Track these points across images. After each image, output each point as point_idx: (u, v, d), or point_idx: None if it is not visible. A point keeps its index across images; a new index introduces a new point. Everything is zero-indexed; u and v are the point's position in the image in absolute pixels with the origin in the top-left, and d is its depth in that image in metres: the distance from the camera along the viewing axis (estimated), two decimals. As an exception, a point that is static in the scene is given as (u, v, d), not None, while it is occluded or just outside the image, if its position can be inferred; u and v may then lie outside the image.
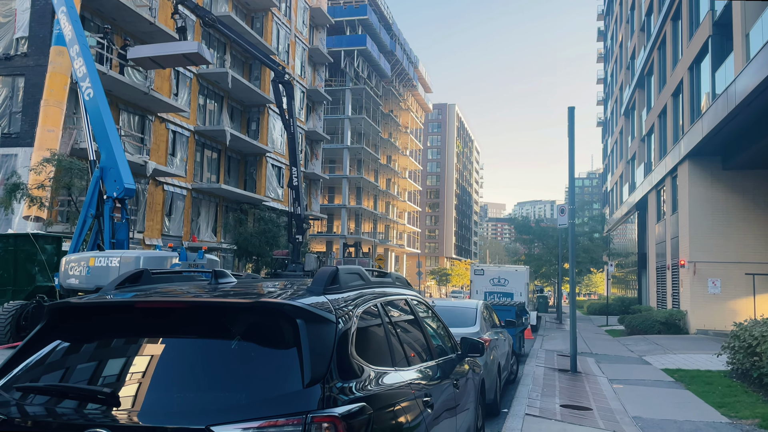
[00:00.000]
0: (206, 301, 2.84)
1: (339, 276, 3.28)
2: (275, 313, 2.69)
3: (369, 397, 2.72)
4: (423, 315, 4.61)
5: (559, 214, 12.33)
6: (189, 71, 32.84)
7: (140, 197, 29.28)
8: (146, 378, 2.50)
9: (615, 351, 16.87)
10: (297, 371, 2.47)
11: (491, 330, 9.01)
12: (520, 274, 24.28)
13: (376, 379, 2.92)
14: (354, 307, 3.13)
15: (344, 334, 2.84)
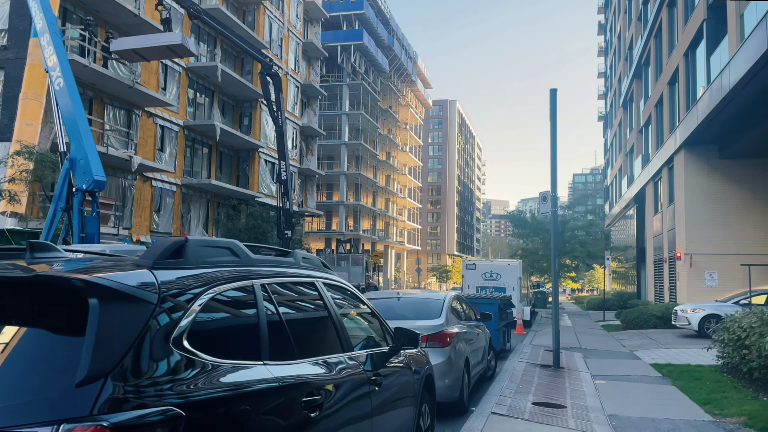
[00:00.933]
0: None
1: (187, 248, 2.67)
2: (62, 291, 2.10)
3: (191, 398, 2.15)
4: (339, 302, 4.02)
5: (541, 201, 11.73)
6: (177, 65, 32.31)
7: (127, 193, 28.77)
8: None
9: (606, 346, 16.26)
10: (76, 365, 1.89)
11: (461, 323, 8.42)
12: (513, 269, 23.64)
13: (217, 377, 2.35)
14: (202, 287, 2.54)
15: (170, 319, 2.27)
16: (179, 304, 2.34)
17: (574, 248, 33.52)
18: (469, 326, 8.95)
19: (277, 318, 3.00)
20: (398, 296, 8.51)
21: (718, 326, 17.10)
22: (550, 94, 11.78)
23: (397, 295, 8.55)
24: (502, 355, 13.33)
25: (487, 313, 10.17)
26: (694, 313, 17.53)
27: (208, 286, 2.56)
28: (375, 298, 8.82)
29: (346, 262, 35.03)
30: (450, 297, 8.54)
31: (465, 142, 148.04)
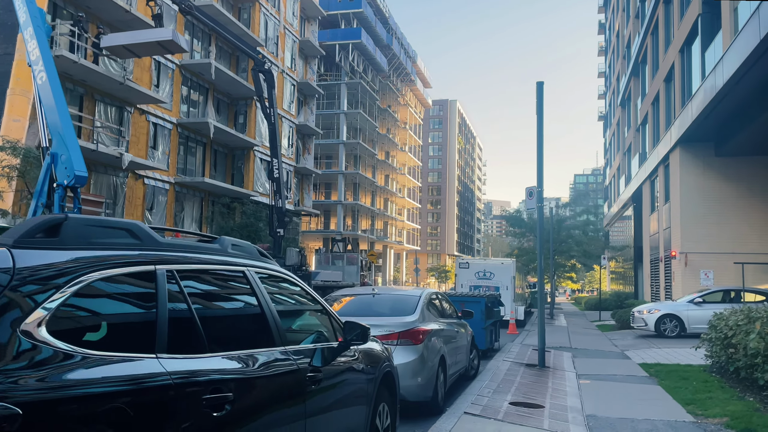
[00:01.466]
0: None
1: (66, 227, 2.39)
2: None
3: (37, 395, 1.88)
4: (276, 293, 3.74)
5: (527, 197, 11.45)
6: (171, 62, 32.08)
7: (118, 191, 28.53)
8: None
9: (598, 345, 15.98)
10: None
11: (439, 321, 8.14)
12: (507, 268, 23.36)
13: (82, 370, 2.07)
14: (78, 270, 2.27)
15: (23, 304, 2.01)
16: (40, 288, 2.07)
17: (570, 248, 33.20)
18: (448, 324, 8.68)
19: (185, 308, 2.73)
20: (374, 292, 8.24)
21: (674, 325, 17.10)
22: (537, 87, 11.50)
23: (372, 291, 8.29)
24: (489, 355, 13.06)
25: (468, 311, 9.88)
26: (650, 314, 17.48)
27: (87, 270, 2.28)
28: (350, 294, 8.55)
29: (341, 261, 34.73)
30: (426, 294, 8.27)
31: (465, 142, 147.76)
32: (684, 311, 17.24)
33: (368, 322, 7.32)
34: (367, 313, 7.74)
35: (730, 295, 17.53)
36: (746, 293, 17.89)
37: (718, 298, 17.59)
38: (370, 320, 7.31)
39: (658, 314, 17.40)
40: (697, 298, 17.43)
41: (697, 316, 17.09)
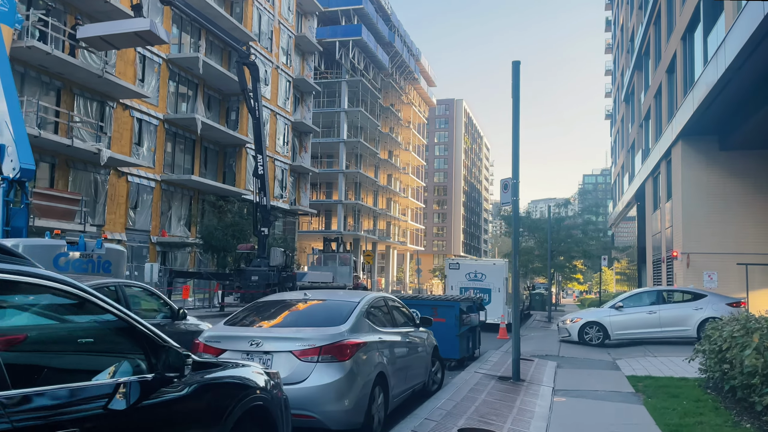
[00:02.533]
0: None
1: None
2: None
3: None
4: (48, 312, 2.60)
5: (502, 190, 10.27)
6: (157, 56, 31.11)
7: (99, 188, 27.58)
8: None
9: (588, 353, 14.75)
10: None
11: (381, 331, 6.97)
12: (499, 269, 22.13)
13: None
14: None
15: None
16: None
17: (570, 247, 31.89)
18: (398, 334, 7.53)
19: None
20: (305, 298, 7.10)
21: (597, 333, 16.32)
22: (513, 67, 10.33)
23: (304, 296, 7.15)
24: (466, 364, 11.88)
25: (427, 318, 8.71)
26: (573, 323, 16.72)
27: None
28: (278, 300, 7.41)
29: (333, 262, 33.63)
30: (368, 300, 7.11)
31: (472, 142, 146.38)
32: (606, 318, 16.39)
33: (283, 334, 6.19)
34: (291, 322, 6.61)
35: (654, 297, 16.69)
36: (672, 294, 16.99)
37: (640, 301, 16.69)
38: (287, 332, 6.19)
39: (580, 323, 16.59)
40: (619, 303, 16.64)
41: (619, 321, 16.22)
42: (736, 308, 15.69)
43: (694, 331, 15.56)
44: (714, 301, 16.00)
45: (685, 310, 15.98)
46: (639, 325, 16.13)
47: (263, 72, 40.10)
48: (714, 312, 15.42)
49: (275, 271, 24.35)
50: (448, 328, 11.66)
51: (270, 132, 41.21)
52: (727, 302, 15.93)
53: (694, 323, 15.57)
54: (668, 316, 16.01)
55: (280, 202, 42.59)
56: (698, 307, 15.84)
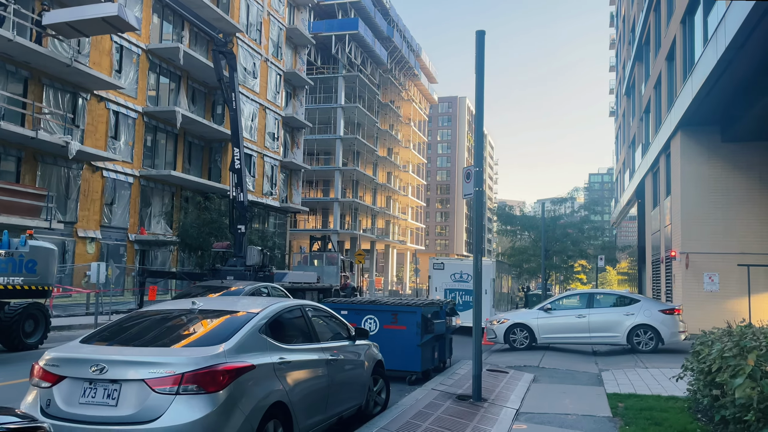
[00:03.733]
0: None
1: None
2: None
3: None
4: None
5: (465, 180, 8.92)
6: (136, 46, 29.87)
7: (71, 184, 26.36)
8: None
9: (573, 363, 13.37)
10: None
11: (288, 349, 5.61)
12: (486, 269, 20.68)
13: None
14: None
15: None
16: None
17: (567, 247, 30.42)
18: (320, 350, 6.19)
19: None
20: (194, 306, 5.76)
21: (523, 336, 15.31)
22: (477, 37, 8.98)
23: (192, 305, 5.80)
24: (431, 376, 10.55)
25: (363, 330, 7.36)
26: (500, 324, 15.70)
27: None
28: (158, 310, 6.04)
29: (320, 261, 32.31)
30: (273, 309, 5.76)
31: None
32: (533, 320, 15.33)
33: (137, 356, 4.81)
34: (156, 340, 5.24)
35: (586, 300, 15.49)
36: (605, 297, 15.86)
37: (571, 303, 15.60)
38: (143, 353, 4.85)
39: (507, 324, 15.51)
40: (548, 305, 15.63)
41: (546, 325, 15.17)
42: (670, 315, 14.60)
43: (624, 338, 14.55)
44: (647, 306, 14.94)
45: (615, 316, 14.89)
46: (567, 330, 15.02)
47: (251, 65, 38.89)
48: (645, 319, 14.45)
49: (252, 270, 23.04)
50: (409, 336, 10.33)
51: (259, 127, 39.98)
52: (661, 309, 14.89)
53: (624, 330, 14.56)
54: (598, 321, 14.89)
55: (269, 200, 41.35)
56: (630, 313, 14.78)
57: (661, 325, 14.46)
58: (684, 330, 14.84)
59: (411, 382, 10.25)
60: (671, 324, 14.58)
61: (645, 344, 14.50)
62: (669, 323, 14.54)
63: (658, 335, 14.41)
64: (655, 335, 14.43)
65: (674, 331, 14.56)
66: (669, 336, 14.48)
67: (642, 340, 14.59)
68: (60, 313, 20.10)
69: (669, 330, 14.48)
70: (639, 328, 14.54)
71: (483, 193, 8.57)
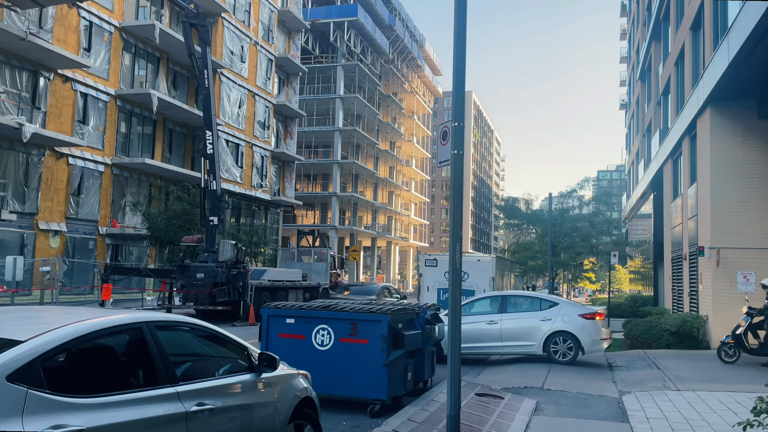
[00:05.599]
0: None
1: None
2: None
3: None
4: None
5: (440, 141, 6.46)
6: (107, 23, 27.50)
7: (30, 171, 24.04)
8: None
9: (585, 381, 10.88)
10: None
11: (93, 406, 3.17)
12: (484, 266, 18.33)
13: None
14: None
15: None
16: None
17: (575, 242, 27.83)
18: (165, 401, 3.71)
19: None
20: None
21: None
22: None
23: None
24: (402, 404, 8.10)
25: (270, 356, 4.82)
26: None
27: None
28: None
29: (309, 257, 29.91)
30: (60, 336, 3.26)
31: (482, 136, 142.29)
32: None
33: None
34: None
35: (498, 304, 13.23)
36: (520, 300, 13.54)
37: (482, 308, 13.31)
38: None
39: None
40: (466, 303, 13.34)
41: None
42: (591, 321, 12.49)
43: (540, 347, 12.42)
44: (565, 310, 12.75)
45: (530, 321, 12.70)
46: (477, 338, 12.64)
47: (238, 48, 36.50)
48: (564, 325, 12.38)
49: (224, 267, 20.69)
50: (371, 353, 7.88)
51: (247, 114, 37.60)
52: (581, 313, 12.75)
53: (541, 338, 12.44)
54: (511, 327, 12.68)
55: (259, 192, 38.99)
56: (546, 318, 12.63)
57: (581, 332, 12.43)
58: (607, 337, 12.86)
59: (373, 414, 7.80)
60: (592, 330, 12.55)
61: (563, 354, 12.47)
62: (590, 329, 12.53)
63: (577, 343, 12.39)
64: (575, 343, 12.40)
65: (596, 338, 12.55)
66: (590, 344, 12.47)
67: (560, 349, 12.52)
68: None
69: (590, 337, 12.46)
70: (557, 335, 12.47)
71: (461, 157, 6.09)
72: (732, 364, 12.60)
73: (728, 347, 12.95)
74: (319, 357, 8.07)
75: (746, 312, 13.12)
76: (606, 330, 13.05)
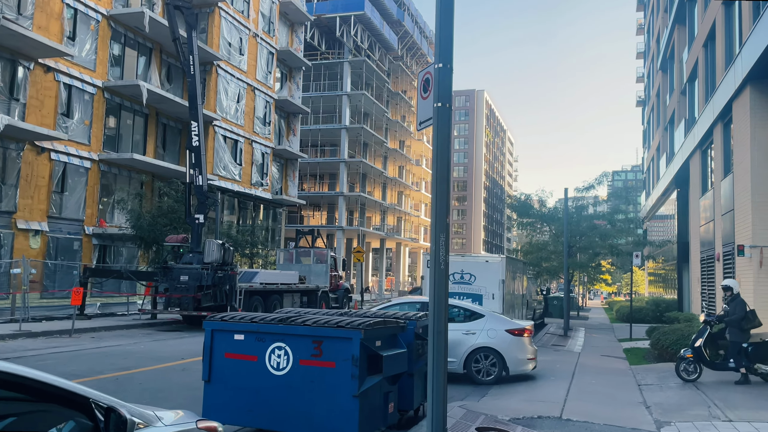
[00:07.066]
0: None
1: None
2: None
3: None
4: None
5: (421, 94, 4.66)
6: (95, 11, 25.98)
7: (8, 166, 22.52)
8: None
9: (614, 408, 9.00)
10: None
11: None
12: (492, 267, 16.46)
13: None
14: None
15: None
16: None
17: (594, 241, 25.83)
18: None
19: None
20: None
21: None
22: None
23: None
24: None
25: (121, 417, 3.13)
26: None
27: None
28: None
29: (308, 259, 28.13)
30: None
31: (494, 136, 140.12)
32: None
33: None
34: None
35: (417, 310, 11.30)
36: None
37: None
38: None
39: None
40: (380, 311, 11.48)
41: None
42: (518, 337, 11.15)
43: (461, 365, 10.89)
44: (491, 324, 11.21)
45: (452, 335, 10.80)
46: None
47: (236, 39, 34.89)
48: (488, 339, 11.01)
49: (210, 269, 19.01)
50: (338, 380, 6.08)
51: (246, 109, 35.98)
52: (508, 328, 11.22)
53: (462, 354, 10.92)
54: None
55: (260, 191, 37.35)
56: (470, 332, 11.11)
57: (508, 350, 10.93)
58: (533, 357, 11.34)
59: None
60: (519, 348, 11.09)
61: (486, 372, 10.92)
62: (517, 347, 11.05)
63: (502, 362, 10.87)
64: (499, 361, 10.88)
65: (522, 357, 11.09)
66: (516, 363, 11.01)
67: (482, 367, 10.95)
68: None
69: (516, 356, 11.00)
70: (479, 351, 10.94)
71: (448, 112, 4.27)
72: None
73: (687, 362, 11.19)
74: (274, 384, 6.30)
75: (703, 321, 11.54)
76: (533, 348, 11.48)
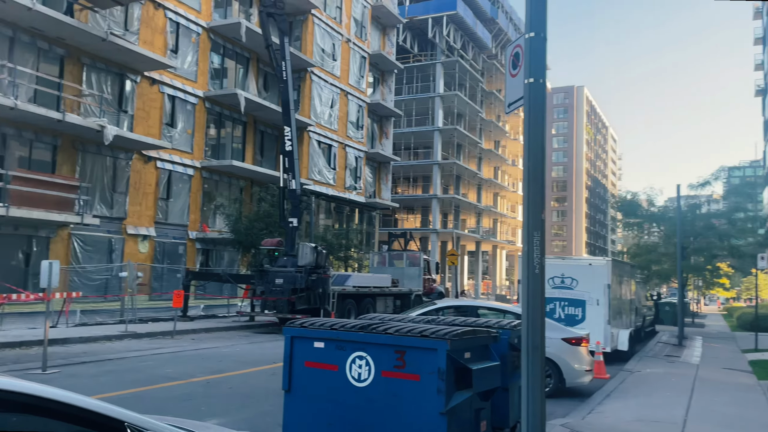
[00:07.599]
0: None
1: None
2: None
3: None
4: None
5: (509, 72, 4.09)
6: (196, 24, 27.05)
7: (118, 175, 23.78)
8: None
9: (743, 429, 7.87)
10: None
11: None
12: (597, 271, 15.29)
13: None
14: None
15: None
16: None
17: (711, 242, 23.56)
18: None
19: None
20: None
21: None
22: None
23: None
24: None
25: None
26: None
27: None
28: None
29: (401, 262, 27.85)
30: None
31: (596, 133, 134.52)
32: None
33: None
34: None
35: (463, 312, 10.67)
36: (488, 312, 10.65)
37: None
38: None
39: None
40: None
41: None
42: (575, 347, 9.96)
43: None
44: (547, 332, 9.34)
45: None
46: None
47: (330, 45, 35.28)
48: None
49: (303, 272, 19.08)
50: (423, 395, 5.55)
51: (339, 114, 36.30)
52: (564, 336, 9.94)
53: None
54: None
55: (353, 195, 37.55)
56: None
57: (564, 359, 9.83)
58: (591, 368, 10.24)
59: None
60: (577, 358, 10.01)
61: None
62: (574, 357, 9.98)
63: (558, 372, 9.85)
64: (555, 372, 9.84)
65: (580, 368, 10.01)
66: (573, 375, 9.93)
67: None
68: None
69: (573, 366, 9.93)
70: None
71: (542, 88, 3.65)
72: None
73: None
74: (355, 396, 5.86)
75: None
76: (590, 359, 10.35)
